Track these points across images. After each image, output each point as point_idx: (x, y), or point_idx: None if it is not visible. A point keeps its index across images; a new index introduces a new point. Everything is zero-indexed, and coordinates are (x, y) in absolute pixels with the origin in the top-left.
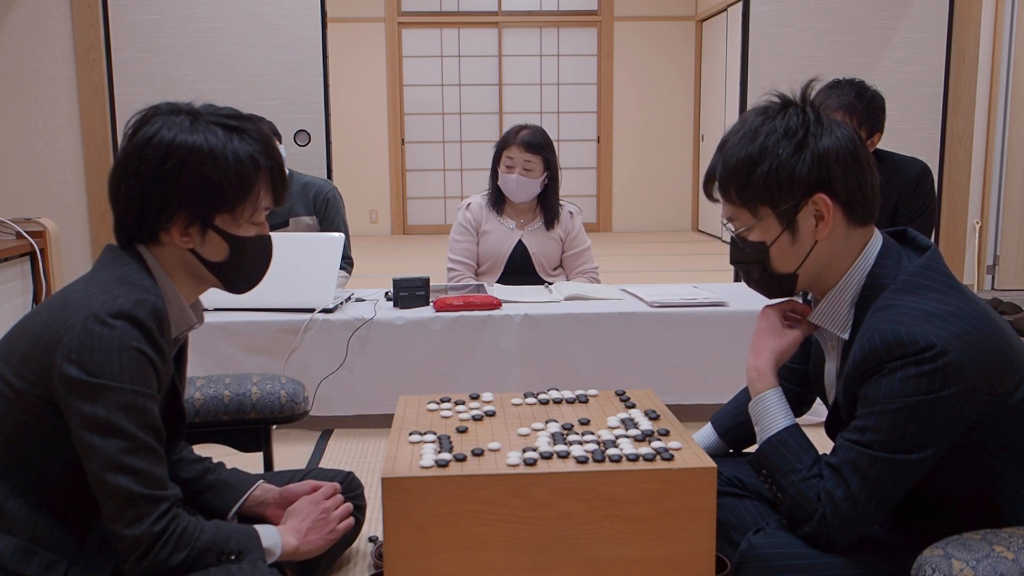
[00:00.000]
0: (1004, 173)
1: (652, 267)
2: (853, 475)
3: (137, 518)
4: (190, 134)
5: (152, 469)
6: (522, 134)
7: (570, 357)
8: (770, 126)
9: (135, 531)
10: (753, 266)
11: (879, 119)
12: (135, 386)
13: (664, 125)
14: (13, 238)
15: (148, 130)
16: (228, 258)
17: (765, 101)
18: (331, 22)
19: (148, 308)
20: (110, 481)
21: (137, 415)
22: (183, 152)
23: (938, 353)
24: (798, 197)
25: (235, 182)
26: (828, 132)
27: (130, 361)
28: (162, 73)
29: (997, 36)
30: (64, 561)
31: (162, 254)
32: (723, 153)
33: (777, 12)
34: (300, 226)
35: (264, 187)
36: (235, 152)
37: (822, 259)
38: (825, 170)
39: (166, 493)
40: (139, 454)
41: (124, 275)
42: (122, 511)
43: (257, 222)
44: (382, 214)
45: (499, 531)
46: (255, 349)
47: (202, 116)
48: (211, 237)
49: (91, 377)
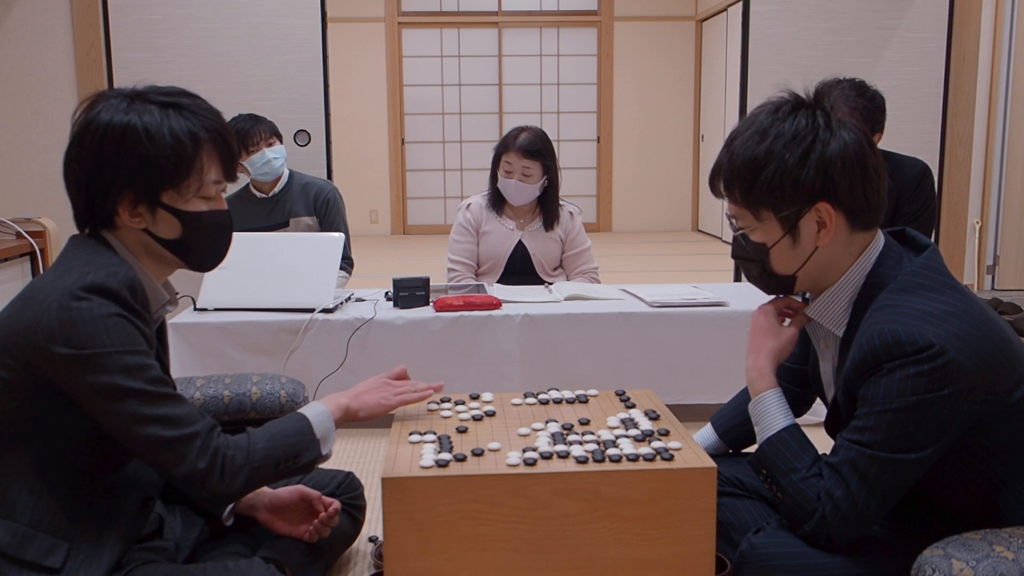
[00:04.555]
0: (1004, 173)
1: (652, 267)
2: (853, 475)
3: (177, 460)
4: (125, 114)
5: (175, 411)
6: (520, 139)
7: (570, 357)
8: (778, 128)
9: (181, 471)
10: (753, 264)
11: (879, 119)
12: (127, 347)
13: (664, 125)
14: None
15: (88, 115)
16: (182, 235)
17: (778, 98)
18: (331, 22)
19: (120, 279)
20: (140, 435)
21: (139, 371)
22: (118, 132)
23: (937, 352)
24: (801, 204)
25: (173, 158)
26: (836, 137)
27: (114, 326)
28: (162, 73)
29: (997, 36)
30: (65, 544)
31: (122, 237)
32: (730, 150)
33: (777, 12)
34: (300, 226)
35: (209, 161)
36: (171, 128)
37: (822, 263)
38: (830, 179)
39: (197, 429)
40: (156, 402)
41: (91, 257)
42: (161, 457)
43: (207, 196)
44: (382, 214)
45: (499, 531)
46: (255, 349)
47: (140, 96)
48: (161, 215)
49: (82, 350)
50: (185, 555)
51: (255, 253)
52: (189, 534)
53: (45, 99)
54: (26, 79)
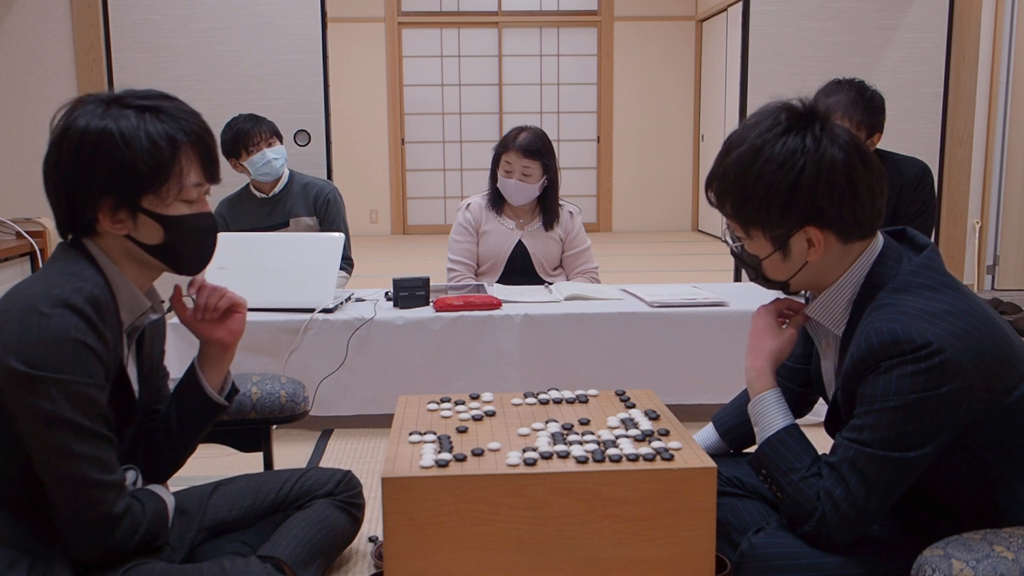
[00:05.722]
0: (1004, 173)
1: (652, 267)
2: (852, 474)
3: (94, 503)
4: (100, 120)
5: (102, 454)
6: (520, 139)
7: (570, 357)
8: (770, 151)
9: (94, 514)
10: (748, 268)
11: (879, 119)
12: (77, 376)
13: (664, 125)
14: (13, 238)
15: (66, 122)
16: (165, 239)
17: (776, 109)
18: (331, 22)
19: (85, 295)
20: (61, 468)
21: (82, 405)
22: (94, 138)
23: (935, 351)
24: (790, 227)
25: (151, 162)
26: (826, 158)
27: (70, 351)
28: (162, 73)
29: (997, 36)
30: (27, 558)
31: (104, 244)
32: (725, 164)
33: (777, 12)
34: (300, 227)
35: (189, 164)
36: (148, 132)
37: (815, 271)
38: (817, 207)
39: (119, 478)
40: (88, 441)
41: (65, 267)
42: (78, 497)
43: (188, 199)
44: (382, 214)
45: (499, 531)
46: (255, 349)
47: (118, 101)
48: (143, 220)
49: (33, 369)
50: (183, 554)
51: (255, 253)
52: (186, 534)
53: (45, 99)
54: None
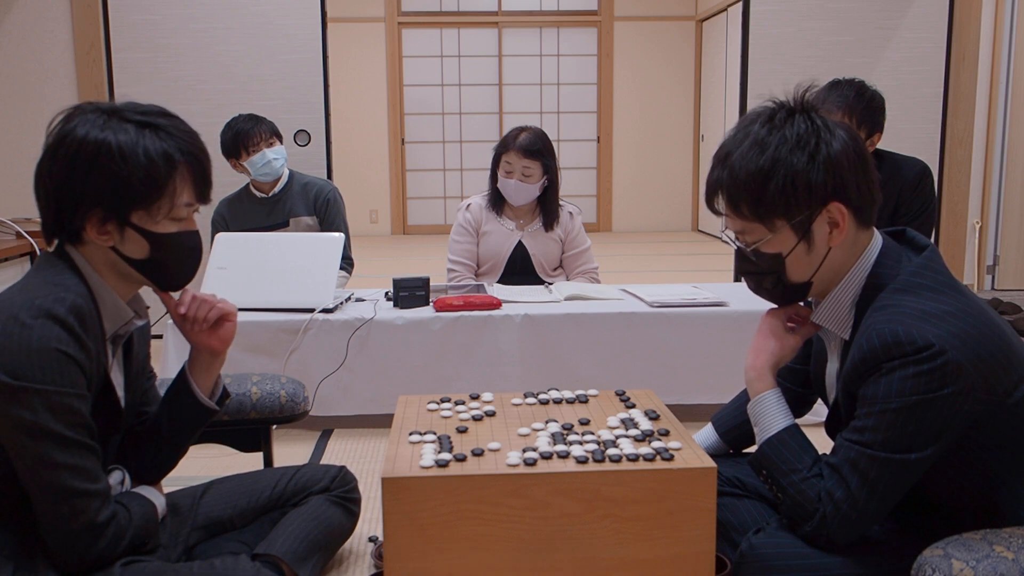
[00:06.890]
0: (1004, 173)
1: (652, 267)
2: (853, 475)
3: (77, 512)
4: (100, 131)
5: (86, 464)
6: (520, 139)
7: (570, 357)
8: (779, 136)
9: (77, 524)
10: (766, 276)
11: (879, 119)
12: (59, 387)
13: (664, 125)
14: (13, 238)
15: (64, 129)
16: (150, 255)
17: (765, 108)
18: (331, 22)
19: (67, 305)
20: (44, 478)
21: (65, 415)
22: (91, 149)
23: (936, 352)
24: (814, 206)
25: (146, 179)
26: (836, 136)
27: (52, 362)
28: (162, 73)
29: (997, 36)
30: (10, 564)
31: (88, 253)
32: (728, 166)
33: (777, 12)
34: (300, 226)
35: (183, 183)
36: (146, 149)
37: (834, 264)
38: (840, 177)
39: (103, 487)
40: (71, 451)
41: (48, 276)
42: (61, 506)
43: (177, 218)
44: (382, 214)
45: (499, 531)
46: (255, 349)
47: (118, 113)
48: (130, 235)
49: (14, 380)
50: (178, 553)
51: (255, 253)
52: (179, 532)
53: (45, 99)
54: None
